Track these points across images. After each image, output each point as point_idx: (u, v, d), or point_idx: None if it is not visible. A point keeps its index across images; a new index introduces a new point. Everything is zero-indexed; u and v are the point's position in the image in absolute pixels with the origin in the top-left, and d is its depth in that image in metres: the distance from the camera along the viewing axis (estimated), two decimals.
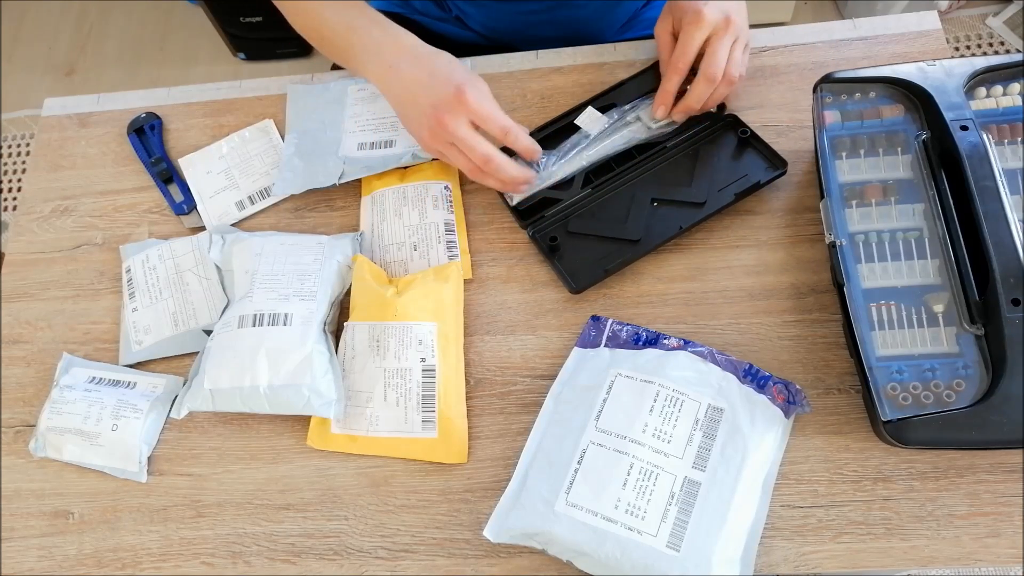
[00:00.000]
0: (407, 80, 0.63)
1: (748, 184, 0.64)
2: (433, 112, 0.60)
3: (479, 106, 0.60)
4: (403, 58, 0.64)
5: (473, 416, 0.61)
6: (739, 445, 0.54)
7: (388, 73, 0.64)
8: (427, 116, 0.61)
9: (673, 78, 0.65)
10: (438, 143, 0.62)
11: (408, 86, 0.63)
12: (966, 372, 0.51)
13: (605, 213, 0.66)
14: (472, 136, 0.60)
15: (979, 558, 0.52)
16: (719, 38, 0.62)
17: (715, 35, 0.63)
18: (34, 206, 0.75)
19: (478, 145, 0.61)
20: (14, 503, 0.62)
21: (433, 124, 0.61)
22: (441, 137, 0.61)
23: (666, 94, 0.66)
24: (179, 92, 0.80)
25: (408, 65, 0.63)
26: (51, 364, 0.67)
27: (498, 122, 0.61)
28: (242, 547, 0.58)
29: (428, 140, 0.63)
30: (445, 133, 0.61)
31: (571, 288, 0.63)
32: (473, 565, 0.56)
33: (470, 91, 0.60)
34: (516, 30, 0.84)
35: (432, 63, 0.63)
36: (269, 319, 0.60)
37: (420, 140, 0.64)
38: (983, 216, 0.53)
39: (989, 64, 0.59)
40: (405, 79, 0.63)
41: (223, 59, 1.88)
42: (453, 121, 0.60)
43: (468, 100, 0.60)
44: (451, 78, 0.61)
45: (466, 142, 0.60)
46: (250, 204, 0.72)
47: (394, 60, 0.64)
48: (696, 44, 0.63)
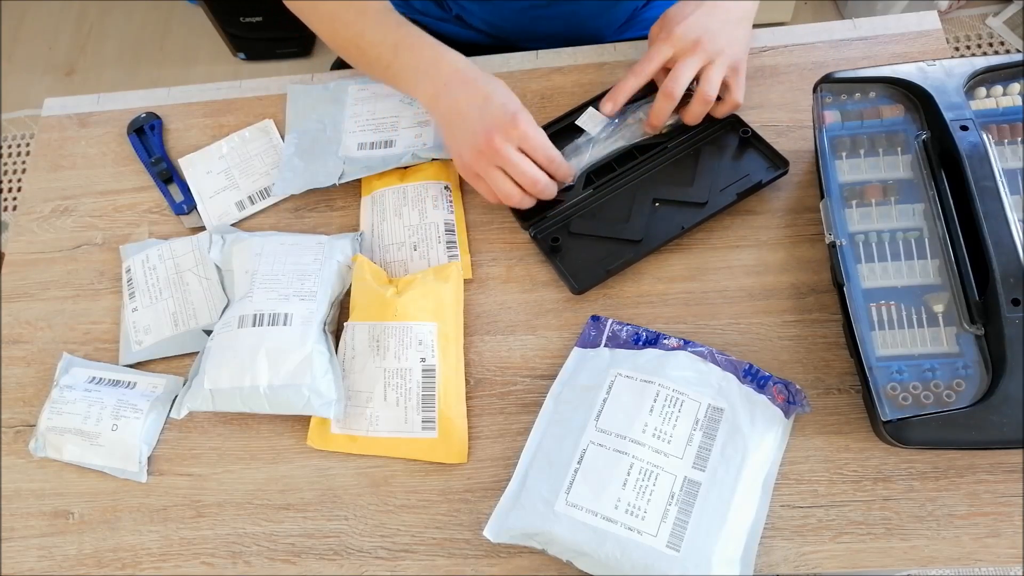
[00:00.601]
0: (461, 101, 0.64)
1: (750, 184, 0.64)
2: (485, 134, 0.62)
3: (532, 135, 0.62)
4: (456, 79, 0.65)
5: (473, 416, 0.61)
6: (739, 445, 0.54)
7: (441, 92, 0.65)
8: (478, 136, 0.62)
9: (630, 79, 0.66)
10: (482, 164, 0.63)
11: (461, 107, 0.64)
12: (966, 372, 0.51)
13: (607, 213, 0.66)
14: (523, 160, 0.62)
15: (979, 558, 0.52)
16: (683, 59, 0.63)
17: (680, 54, 0.64)
18: (34, 206, 0.75)
19: (529, 169, 0.62)
20: (14, 503, 0.62)
21: (482, 145, 0.62)
22: (488, 158, 0.62)
23: (619, 91, 0.66)
24: (179, 92, 0.80)
25: (461, 86, 0.64)
26: (51, 364, 0.67)
27: (547, 152, 0.63)
28: (242, 547, 0.58)
29: (472, 159, 0.63)
30: (495, 155, 0.62)
31: (573, 289, 0.63)
32: (473, 565, 0.56)
33: (523, 118, 0.62)
34: (517, 27, 0.84)
35: (488, 88, 0.64)
36: (269, 319, 0.60)
37: (461, 158, 0.65)
38: (983, 216, 0.53)
39: (989, 64, 0.59)
40: (459, 100, 0.64)
41: (223, 59, 1.88)
42: (504, 145, 0.61)
43: (521, 126, 0.62)
44: (507, 105, 0.63)
45: (518, 166, 0.62)
46: (250, 204, 0.72)
47: (448, 80, 0.65)
48: (658, 59, 0.65)
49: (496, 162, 0.62)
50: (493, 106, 0.63)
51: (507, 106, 0.63)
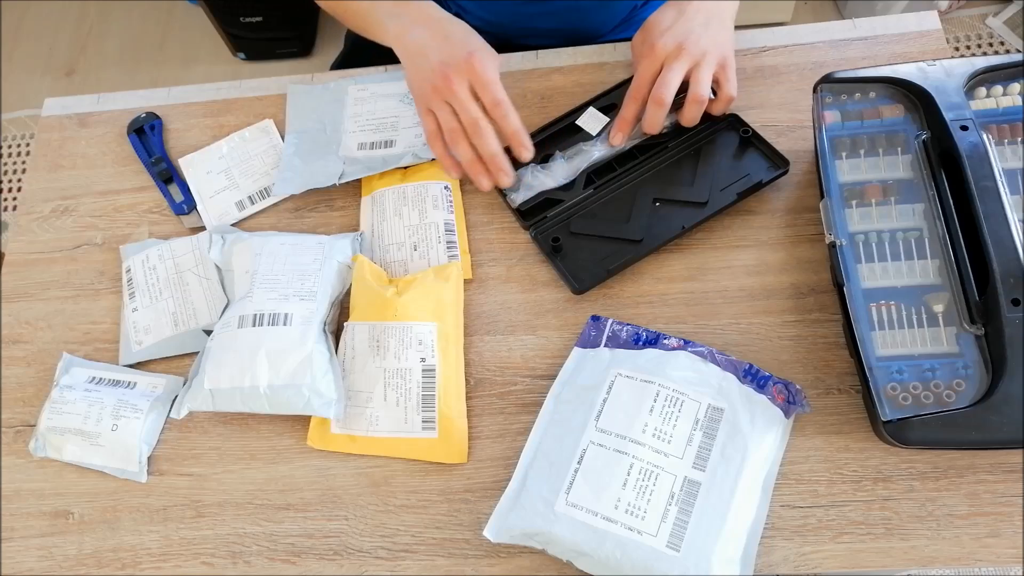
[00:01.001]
0: (422, 38, 0.66)
1: (750, 183, 0.64)
2: (441, 68, 0.63)
3: (483, 72, 0.62)
4: (421, 20, 0.67)
5: (473, 416, 0.61)
6: (739, 445, 0.54)
7: (405, 32, 0.67)
8: (435, 71, 0.63)
9: (630, 106, 0.66)
10: (435, 99, 0.64)
11: (422, 44, 0.65)
12: (966, 372, 0.51)
13: (607, 213, 0.66)
14: (469, 99, 0.63)
15: (979, 558, 0.52)
16: (669, 66, 0.63)
17: (667, 63, 0.64)
18: (34, 206, 0.75)
19: (471, 108, 0.63)
20: (14, 503, 0.62)
21: (438, 79, 0.63)
22: (440, 93, 0.64)
23: (623, 121, 0.67)
24: (179, 92, 0.80)
25: (425, 27, 0.66)
26: (51, 364, 0.67)
27: (494, 94, 0.63)
28: (242, 547, 0.58)
29: (427, 93, 0.65)
30: (447, 90, 0.63)
31: (574, 289, 0.63)
32: (473, 565, 0.56)
33: (479, 57, 0.63)
34: (515, 22, 0.84)
35: (450, 27, 0.66)
36: (269, 319, 0.60)
37: (421, 94, 0.66)
38: (983, 216, 0.53)
39: (989, 64, 0.59)
40: (421, 37, 0.66)
41: (223, 59, 1.88)
42: (457, 79, 0.62)
43: (475, 65, 0.62)
44: (466, 42, 0.64)
45: (462, 102, 0.63)
46: (250, 204, 0.72)
47: (414, 20, 0.67)
48: (648, 75, 0.65)
49: (446, 97, 0.63)
50: (452, 44, 0.64)
51: (466, 44, 0.64)
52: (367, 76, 0.77)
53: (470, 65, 0.62)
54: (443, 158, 0.66)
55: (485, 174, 0.65)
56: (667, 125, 0.68)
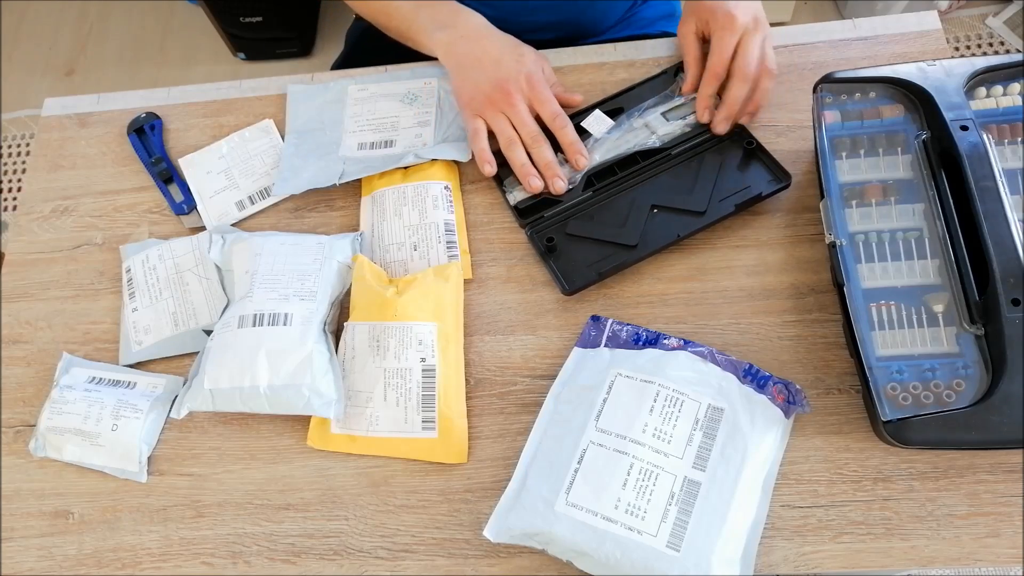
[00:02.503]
0: (478, 50, 0.68)
1: (750, 195, 0.64)
2: (500, 81, 0.67)
3: (542, 90, 0.67)
4: (475, 32, 0.70)
5: (473, 416, 0.61)
6: (739, 445, 0.54)
7: (459, 41, 0.69)
8: (493, 86, 0.67)
9: (712, 82, 0.66)
10: (489, 108, 0.67)
11: (478, 54, 0.68)
12: (966, 372, 0.51)
13: (604, 217, 0.66)
14: (527, 114, 0.67)
15: (979, 558, 0.53)
16: (750, 38, 0.64)
17: (746, 35, 0.65)
18: (34, 206, 0.75)
19: (531, 122, 0.67)
20: (14, 503, 0.62)
21: (496, 93, 0.67)
22: (496, 104, 0.67)
23: (706, 98, 0.67)
24: (179, 92, 0.80)
25: (479, 38, 0.69)
26: (51, 364, 0.67)
27: (552, 108, 0.67)
28: (242, 547, 0.58)
29: (481, 102, 0.68)
30: (505, 103, 0.67)
31: (563, 289, 0.63)
32: (473, 565, 0.56)
33: (537, 78, 0.67)
34: (514, 17, 0.84)
35: (502, 42, 0.69)
36: (269, 319, 0.60)
37: (470, 103, 0.68)
38: (983, 216, 0.53)
39: (989, 64, 0.59)
40: (477, 48, 0.69)
41: (223, 59, 1.88)
42: (517, 95, 0.67)
43: (535, 83, 0.67)
44: (526, 59, 0.68)
45: (521, 116, 0.67)
46: (250, 204, 0.72)
47: (466, 33, 0.70)
48: (731, 48, 0.65)
49: (503, 109, 0.66)
50: (513, 59, 0.68)
51: (526, 61, 0.68)
52: (367, 76, 0.77)
53: (531, 84, 0.67)
54: (482, 153, 0.68)
55: (537, 176, 0.67)
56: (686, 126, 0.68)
